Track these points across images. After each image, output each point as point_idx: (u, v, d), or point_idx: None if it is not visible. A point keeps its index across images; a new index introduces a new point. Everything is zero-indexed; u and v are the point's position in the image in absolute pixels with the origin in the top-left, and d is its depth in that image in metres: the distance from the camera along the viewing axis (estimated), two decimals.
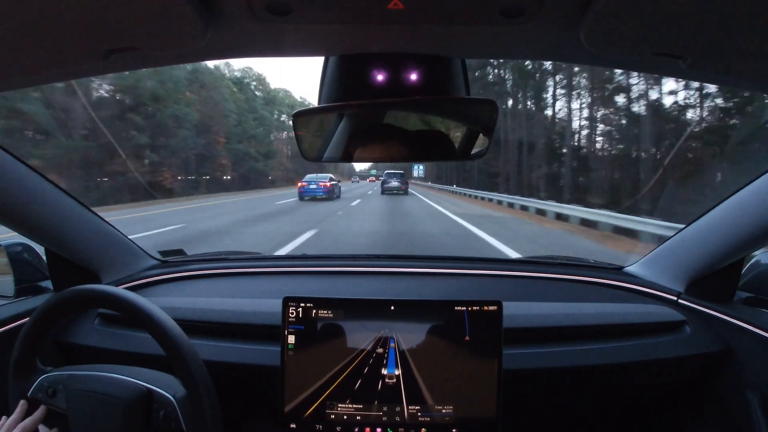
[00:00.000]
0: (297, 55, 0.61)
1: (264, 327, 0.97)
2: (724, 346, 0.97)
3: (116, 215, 10.22)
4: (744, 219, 0.89)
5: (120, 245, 1.20)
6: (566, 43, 0.54)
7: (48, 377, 0.78)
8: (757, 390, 0.90)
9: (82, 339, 1.02)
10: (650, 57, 0.53)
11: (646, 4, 0.41)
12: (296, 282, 1.25)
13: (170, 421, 0.72)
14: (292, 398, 0.85)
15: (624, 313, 1.04)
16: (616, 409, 1.08)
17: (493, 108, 0.65)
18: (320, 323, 0.86)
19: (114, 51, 0.51)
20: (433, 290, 1.16)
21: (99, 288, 0.80)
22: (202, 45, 0.51)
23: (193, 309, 1.03)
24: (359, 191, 26.76)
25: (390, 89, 0.60)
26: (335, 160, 0.70)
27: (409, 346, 0.85)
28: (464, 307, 0.85)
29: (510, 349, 0.91)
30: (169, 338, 0.74)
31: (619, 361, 0.95)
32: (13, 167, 0.87)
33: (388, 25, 0.51)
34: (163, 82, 24.04)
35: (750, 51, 0.48)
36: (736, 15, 0.42)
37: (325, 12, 0.48)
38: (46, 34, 0.47)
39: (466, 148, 0.70)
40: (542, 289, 1.17)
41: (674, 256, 1.13)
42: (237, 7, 0.46)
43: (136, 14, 0.44)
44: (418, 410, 0.84)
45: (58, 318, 0.80)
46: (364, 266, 1.27)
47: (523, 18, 0.47)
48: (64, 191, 0.99)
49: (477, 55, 0.64)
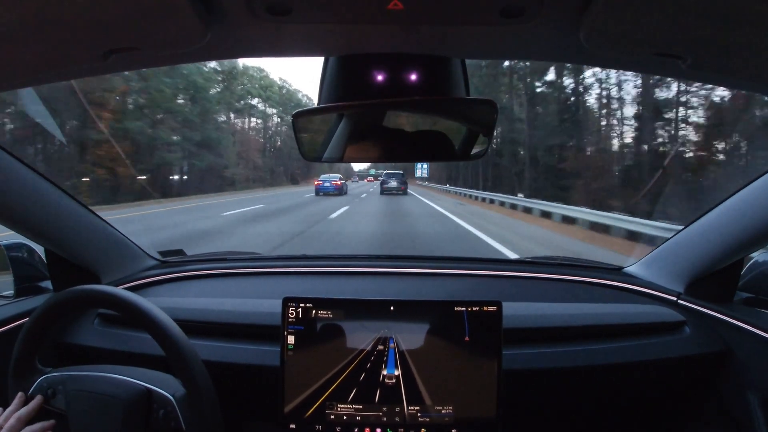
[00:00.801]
0: (297, 55, 0.61)
1: (264, 327, 0.97)
2: (724, 346, 0.97)
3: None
4: (744, 219, 0.89)
5: (120, 245, 1.20)
6: (566, 44, 0.54)
7: (48, 378, 0.78)
8: (757, 390, 0.90)
9: (81, 339, 1.02)
10: (650, 57, 0.53)
11: (645, 4, 0.41)
12: (296, 282, 1.25)
13: (170, 420, 0.72)
14: (292, 398, 0.85)
15: (624, 313, 1.04)
16: (616, 409, 1.08)
17: (493, 108, 0.65)
18: (320, 323, 0.86)
19: (114, 51, 0.51)
20: (433, 290, 1.16)
21: (99, 288, 0.81)
22: (202, 45, 0.51)
23: (192, 309, 1.03)
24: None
25: (390, 89, 0.60)
26: (335, 161, 0.70)
27: (408, 346, 0.85)
28: (464, 307, 0.85)
29: (510, 349, 0.90)
30: (168, 338, 0.74)
31: (619, 362, 0.95)
32: (12, 167, 0.87)
33: (387, 26, 0.51)
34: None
35: (750, 51, 0.48)
36: (736, 15, 0.42)
37: (325, 12, 0.48)
38: (46, 34, 0.47)
39: (466, 148, 0.70)
40: (542, 290, 1.16)
41: (674, 257, 1.13)
42: (237, 8, 0.46)
43: (136, 14, 0.44)
44: (417, 410, 0.84)
45: (58, 318, 0.80)
46: (363, 266, 1.27)
47: (523, 18, 0.47)
48: (63, 191, 0.99)
49: (477, 55, 0.64)
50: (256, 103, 39.41)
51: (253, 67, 39.38)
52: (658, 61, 0.54)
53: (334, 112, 0.67)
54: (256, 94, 39.15)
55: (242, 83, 37.30)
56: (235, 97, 36.45)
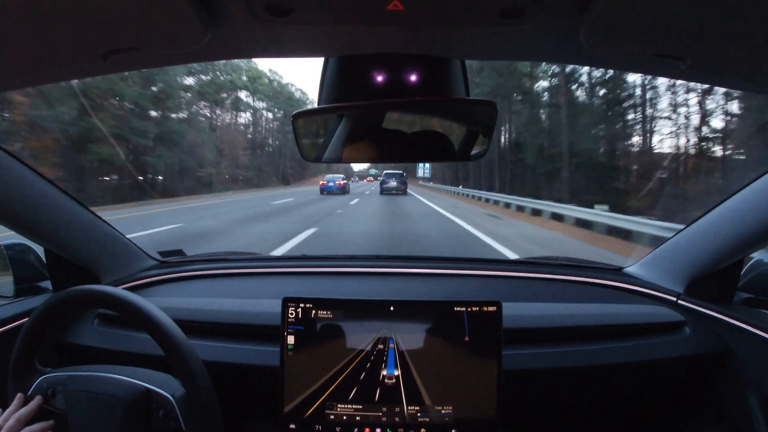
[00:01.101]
0: (297, 56, 0.61)
1: (263, 327, 0.97)
2: (724, 346, 0.97)
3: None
4: (744, 219, 0.90)
5: (119, 245, 1.20)
6: (566, 45, 0.54)
7: (47, 378, 0.78)
8: (756, 390, 0.90)
9: (81, 339, 1.02)
10: (650, 58, 0.53)
11: (645, 5, 0.41)
12: (296, 282, 1.25)
13: (169, 420, 0.72)
14: (292, 399, 0.85)
15: (623, 313, 1.04)
16: (616, 409, 1.08)
17: (493, 109, 0.65)
18: (320, 324, 0.86)
19: (114, 51, 0.51)
20: (433, 291, 1.16)
21: (98, 288, 0.80)
22: (202, 45, 0.51)
23: (192, 309, 1.03)
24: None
25: (390, 90, 0.60)
26: (335, 161, 0.70)
27: (408, 346, 0.85)
28: (464, 307, 0.85)
29: (509, 349, 0.91)
30: (168, 338, 0.74)
31: (619, 362, 0.95)
32: (12, 167, 0.87)
33: (387, 26, 0.51)
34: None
35: (750, 51, 0.48)
36: (736, 16, 0.42)
37: (325, 13, 0.48)
38: (46, 34, 0.47)
39: (466, 148, 0.70)
40: (542, 290, 1.16)
41: (674, 257, 1.13)
42: (237, 8, 0.46)
43: (136, 14, 0.44)
44: (417, 411, 0.84)
45: (57, 318, 0.80)
46: (363, 267, 1.27)
47: (523, 19, 0.47)
48: (63, 191, 0.99)
49: (477, 56, 0.64)
50: (244, 97, 35.23)
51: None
52: (658, 62, 0.54)
53: (333, 112, 0.67)
54: (242, 85, 34.73)
55: (227, 72, 32.75)
56: (215, 87, 30.98)
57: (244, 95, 35.31)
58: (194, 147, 25.39)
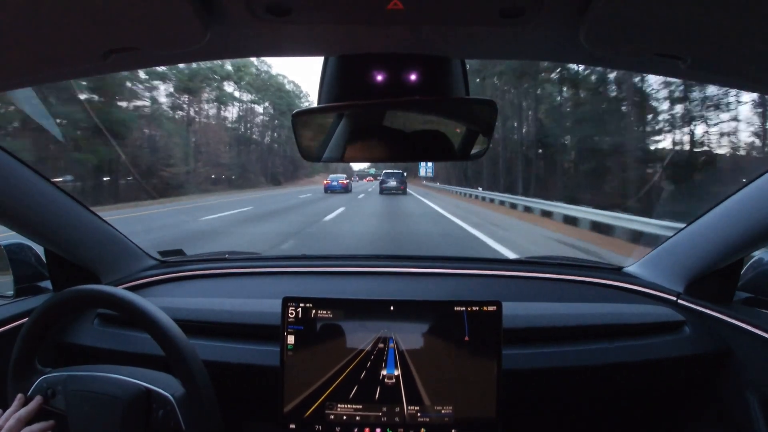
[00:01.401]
0: (297, 55, 0.61)
1: (263, 327, 0.97)
2: (724, 346, 0.97)
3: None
4: (744, 219, 0.90)
5: (119, 245, 1.20)
6: (566, 44, 0.54)
7: (47, 378, 0.78)
8: (756, 390, 0.90)
9: (81, 339, 1.02)
10: (650, 57, 0.53)
11: (645, 4, 0.41)
12: (296, 282, 1.25)
13: (169, 420, 0.72)
14: (292, 399, 0.85)
15: (623, 313, 1.04)
16: (616, 409, 1.08)
17: (493, 108, 0.65)
18: (320, 323, 0.86)
19: (114, 51, 0.51)
20: (433, 290, 1.16)
21: (98, 288, 0.80)
22: (202, 45, 0.50)
23: (192, 309, 1.03)
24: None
25: (390, 89, 0.60)
26: (335, 160, 0.70)
27: (408, 346, 0.85)
28: (463, 307, 0.85)
29: (509, 349, 0.90)
30: (168, 338, 0.74)
31: (619, 361, 0.95)
32: (12, 167, 0.87)
33: (387, 26, 0.51)
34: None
35: (750, 51, 0.48)
36: (736, 16, 0.42)
37: (325, 12, 0.48)
38: (46, 33, 0.47)
39: (466, 148, 0.70)
40: (542, 290, 1.16)
41: (674, 257, 1.13)
42: (237, 8, 0.46)
43: (136, 14, 0.44)
44: (417, 410, 0.84)
45: (57, 318, 0.80)
46: (363, 266, 1.27)
47: (523, 18, 0.47)
48: (63, 191, 0.99)
49: (477, 55, 0.64)
50: (232, 90, 30.70)
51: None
52: (658, 61, 0.54)
53: (333, 112, 0.67)
54: (224, 74, 29.71)
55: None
56: (187, 74, 25.71)
57: (229, 86, 31.19)
58: (155, 141, 21.78)
